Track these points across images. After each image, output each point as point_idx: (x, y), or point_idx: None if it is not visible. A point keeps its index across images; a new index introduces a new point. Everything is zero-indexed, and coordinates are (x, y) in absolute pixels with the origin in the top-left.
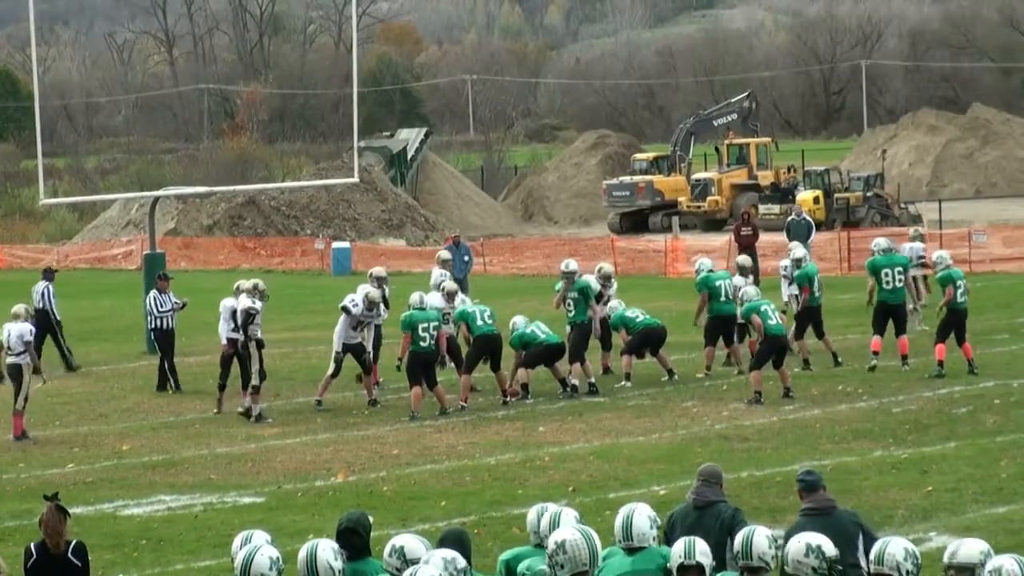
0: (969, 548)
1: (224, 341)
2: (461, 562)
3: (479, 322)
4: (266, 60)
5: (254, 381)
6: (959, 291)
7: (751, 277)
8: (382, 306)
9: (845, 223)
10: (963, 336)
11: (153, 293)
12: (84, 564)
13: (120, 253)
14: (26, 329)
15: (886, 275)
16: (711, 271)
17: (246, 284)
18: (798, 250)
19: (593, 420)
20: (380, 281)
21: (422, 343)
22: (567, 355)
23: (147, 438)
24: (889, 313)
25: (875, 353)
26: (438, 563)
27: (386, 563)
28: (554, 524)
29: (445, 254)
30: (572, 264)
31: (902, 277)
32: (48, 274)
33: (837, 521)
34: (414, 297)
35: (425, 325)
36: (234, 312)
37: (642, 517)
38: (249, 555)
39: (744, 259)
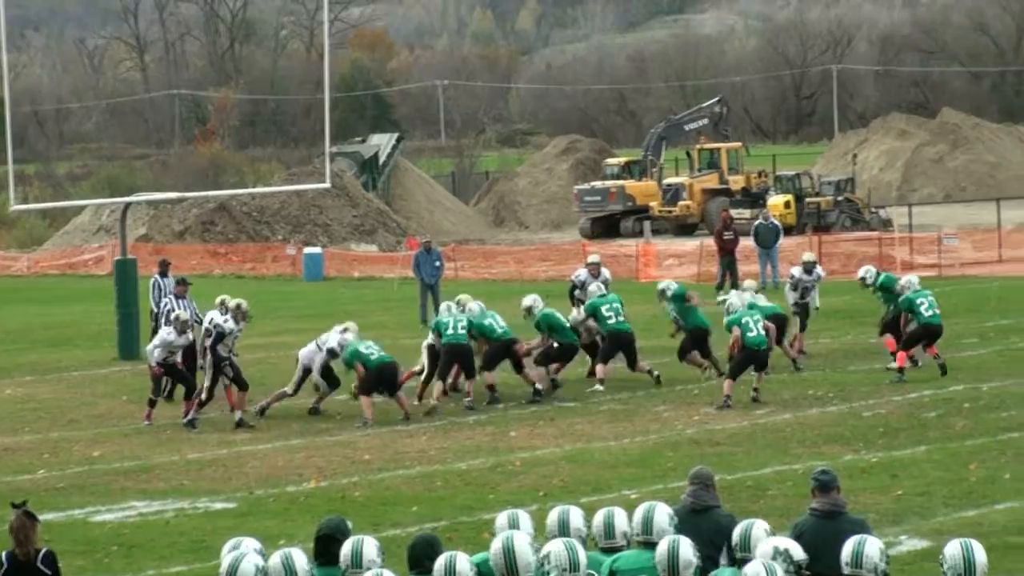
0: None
1: (154, 363)
2: None
3: (450, 331)
4: (237, 66)
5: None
6: (923, 307)
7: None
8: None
9: (816, 227)
10: (931, 344)
11: (169, 299)
12: (54, 573)
13: (91, 259)
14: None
15: (921, 303)
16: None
17: (184, 315)
18: (807, 255)
19: (564, 425)
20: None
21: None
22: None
23: (118, 444)
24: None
25: (893, 354)
26: None
27: None
28: (513, 524)
29: (594, 257)
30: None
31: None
32: (163, 267)
33: (838, 527)
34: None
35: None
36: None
37: (662, 514)
38: (235, 562)
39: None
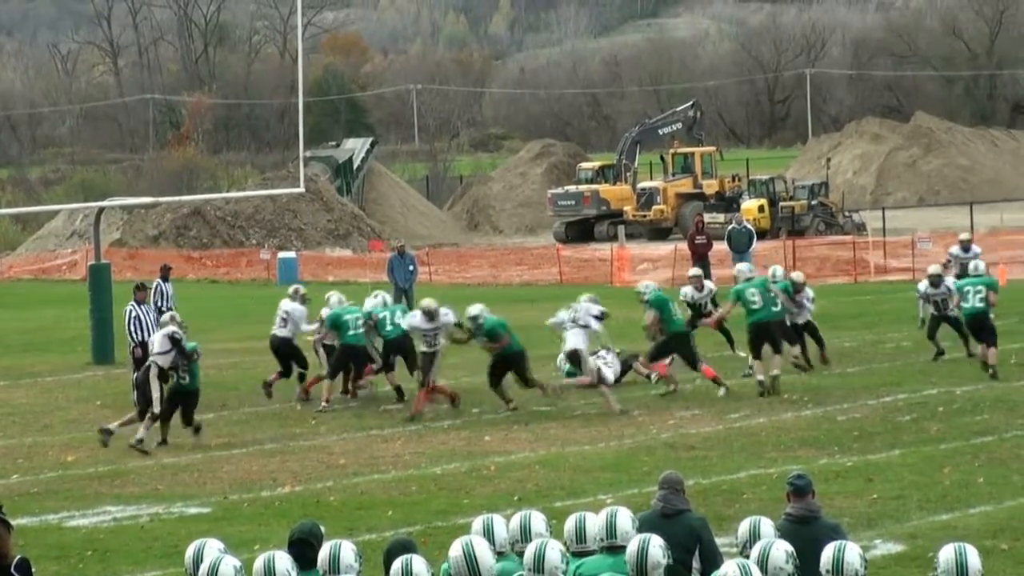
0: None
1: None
2: None
3: (388, 327)
4: (211, 70)
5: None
6: None
7: None
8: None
9: (790, 232)
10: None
11: (131, 305)
12: None
13: (64, 264)
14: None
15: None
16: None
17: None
18: (934, 268)
19: (539, 429)
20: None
21: None
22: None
23: (92, 448)
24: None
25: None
26: None
27: None
28: (487, 529)
29: (695, 271)
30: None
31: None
32: (165, 271)
33: (813, 532)
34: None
35: None
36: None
37: (624, 517)
38: (214, 564)
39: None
